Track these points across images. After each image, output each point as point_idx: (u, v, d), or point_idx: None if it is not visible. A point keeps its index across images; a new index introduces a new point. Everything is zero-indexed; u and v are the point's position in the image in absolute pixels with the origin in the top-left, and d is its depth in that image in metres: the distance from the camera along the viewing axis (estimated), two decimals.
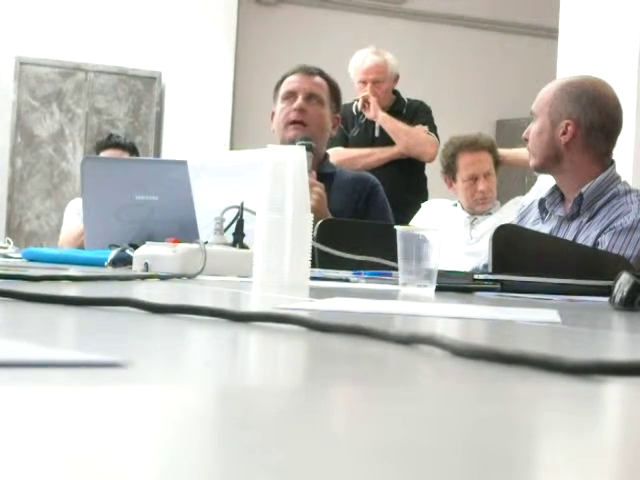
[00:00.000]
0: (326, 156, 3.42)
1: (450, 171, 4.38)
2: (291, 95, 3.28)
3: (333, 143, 4.60)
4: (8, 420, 0.47)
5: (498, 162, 4.42)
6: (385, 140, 4.59)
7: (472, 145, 4.34)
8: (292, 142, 3.03)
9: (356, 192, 3.32)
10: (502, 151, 4.55)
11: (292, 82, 3.31)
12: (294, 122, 3.23)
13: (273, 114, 3.36)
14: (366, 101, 4.59)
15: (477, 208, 4.38)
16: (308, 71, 3.34)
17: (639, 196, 2.69)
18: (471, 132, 4.55)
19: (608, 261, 2.40)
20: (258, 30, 9.22)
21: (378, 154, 4.56)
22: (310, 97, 3.27)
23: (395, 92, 4.74)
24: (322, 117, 3.28)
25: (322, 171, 3.24)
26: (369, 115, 4.60)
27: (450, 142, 4.41)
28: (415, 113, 4.67)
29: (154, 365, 0.73)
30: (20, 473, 0.37)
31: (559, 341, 1.09)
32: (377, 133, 4.64)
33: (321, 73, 3.36)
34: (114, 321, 1.02)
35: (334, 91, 3.35)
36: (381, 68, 4.66)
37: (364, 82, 4.65)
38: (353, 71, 4.73)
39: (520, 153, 4.31)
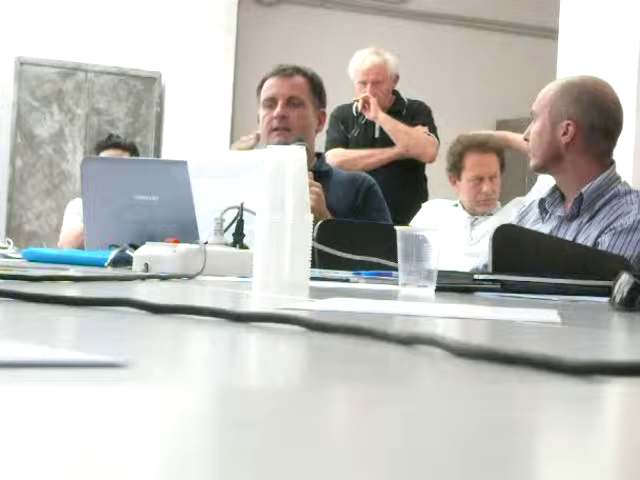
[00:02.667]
0: (320, 155, 3.42)
1: (455, 169, 4.38)
2: (271, 101, 3.26)
3: (333, 144, 4.60)
4: (8, 420, 0.47)
5: (504, 165, 4.41)
6: (385, 141, 4.59)
7: (481, 146, 4.34)
8: None
9: (353, 191, 3.32)
10: (509, 134, 4.55)
11: (270, 87, 3.28)
12: (277, 129, 3.22)
13: (259, 118, 3.36)
14: (366, 102, 4.59)
15: (479, 209, 4.38)
16: (285, 73, 3.29)
17: (639, 196, 2.69)
18: (481, 132, 4.54)
19: (608, 261, 2.40)
20: (258, 30, 9.22)
21: (378, 155, 4.56)
22: (289, 101, 3.25)
23: (395, 92, 4.74)
24: (304, 118, 3.26)
25: (318, 169, 3.24)
26: (369, 116, 4.60)
27: (458, 140, 4.40)
28: (415, 113, 4.66)
29: (154, 365, 0.73)
30: (20, 473, 0.37)
31: (559, 341, 1.09)
32: (377, 134, 4.63)
33: (299, 70, 3.32)
34: (114, 321, 1.02)
35: (315, 86, 3.31)
36: (381, 69, 4.66)
37: (364, 83, 4.65)
38: (353, 72, 4.73)
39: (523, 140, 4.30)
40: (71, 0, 8.47)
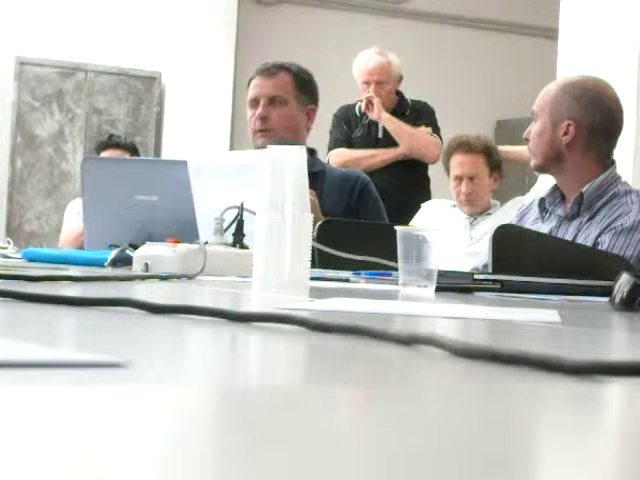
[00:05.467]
0: (313, 153, 3.38)
1: (447, 169, 4.40)
2: (254, 102, 3.26)
3: (337, 144, 4.61)
4: (8, 420, 0.47)
5: (498, 166, 4.40)
6: (388, 141, 4.59)
7: (464, 146, 4.34)
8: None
9: (347, 189, 3.31)
10: (505, 148, 4.55)
11: (254, 88, 3.27)
12: (260, 130, 3.22)
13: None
14: (370, 102, 4.59)
15: (464, 209, 4.38)
16: (268, 72, 3.28)
17: (639, 196, 2.69)
18: (472, 132, 4.54)
19: (608, 261, 2.40)
20: (258, 30, 9.22)
21: (381, 155, 4.56)
22: (272, 100, 3.24)
23: (398, 93, 4.74)
24: (287, 118, 3.23)
25: (312, 170, 3.22)
26: (372, 116, 4.60)
27: (449, 140, 4.42)
28: (419, 114, 4.66)
29: (154, 365, 0.73)
30: (20, 473, 0.37)
31: (559, 341, 1.09)
32: (380, 134, 4.63)
33: (282, 67, 3.29)
34: (114, 321, 1.02)
35: (301, 83, 3.28)
36: (385, 69, 4.66)
37: (367, 83, 4.65)
38: (357, 72, 4.73)
39: (523, 151, 4.30)
40: (71, 0, 8.47)
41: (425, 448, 0.46)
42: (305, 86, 3.29)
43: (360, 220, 3.24)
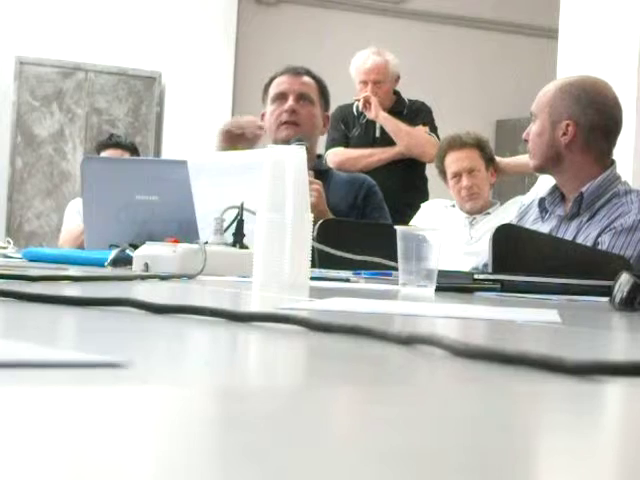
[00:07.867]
0: (320, 156, 3.45)
1: (442, 173, 4.37)
2: (282, 96, 3.29)
3: (334, 143, 4.61)
4: (8, 420, 0.47)
5: (492, 160, 4.38)
6: (386, 140, 4.59)
7: (456, 143, 4.33)
8: (285, 142, 3.03)
9: (353, 191, 3.33)
10: (502, 161, 4.53)
11: (282, 83, 3.32)
12: (286, 122, 3.25)
13: (263, 115, 3.38)
14: (367, 101, 4.59)
15: (467, 206, 4.35)
16: (296, 71, 3.36)
17: (639, 196, 2.69)
18: (472, 132, 4.54)
19: (608, 261, 2.40)
20: (258, 30, 9.22)
21: (379, 154, 4.56)
22: (300, 97, 3.29)
23: (396, 92, 4.74)
24: (313, 117, 3.30)
25: (318, 168, 3.26)
26: (370, 115, 4.60)
27: (440, 143, 4.41)
28: (416, 113, 4.66)
29: (154, 365, 0.73)
30: (20, 473, 0.37)
31: (559, 341, 1.09)
32: (378, 133, 4.63)
33: (308, 72, 3.38)
34: (114, 321, 1.02)
35: (322, 90, 3.37)
36: (382, 69, 4.66)
37: (365, 82, 4.65)
38: (354, 71, 4.73)
39: (520, 159, 4.30)
40: (71, 0, 8.47)
41: (425, 448, 0.46)
42: (325, 93, 3.40)
43: (360, 220, 3.24)
